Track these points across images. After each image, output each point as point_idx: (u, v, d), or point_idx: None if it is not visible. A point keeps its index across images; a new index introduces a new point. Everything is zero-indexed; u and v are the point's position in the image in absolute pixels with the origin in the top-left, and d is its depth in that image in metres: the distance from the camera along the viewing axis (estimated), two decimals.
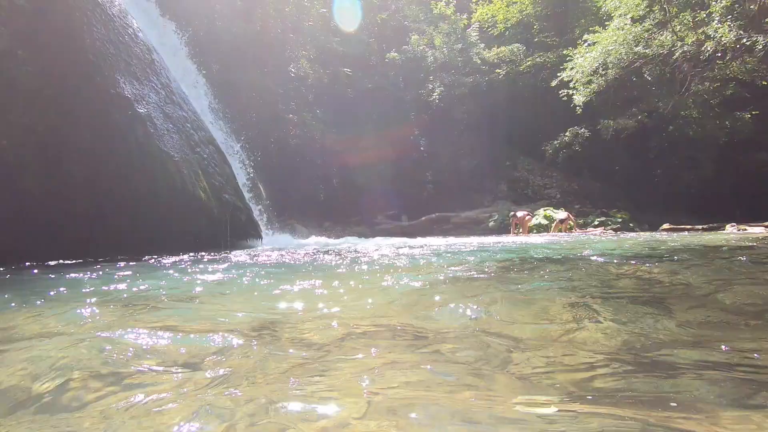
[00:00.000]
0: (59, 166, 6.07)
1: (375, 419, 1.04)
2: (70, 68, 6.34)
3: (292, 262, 5.27)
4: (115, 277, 3.93)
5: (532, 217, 14.86)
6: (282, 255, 6.27)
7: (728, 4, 12.66)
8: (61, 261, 5.76)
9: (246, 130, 14.85)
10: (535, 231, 14.61)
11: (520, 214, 14.40)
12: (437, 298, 2.62)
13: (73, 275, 4.03)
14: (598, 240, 8.65)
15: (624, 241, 7.95)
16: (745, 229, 10.87)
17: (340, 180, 19.72)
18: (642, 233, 12.22)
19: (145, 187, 6.85)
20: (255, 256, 6.23)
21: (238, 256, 6.26)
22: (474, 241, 9.99)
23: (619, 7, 15.18)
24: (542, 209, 15.83)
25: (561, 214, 14.61)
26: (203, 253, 6.80)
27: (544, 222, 14.81)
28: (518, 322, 1.98)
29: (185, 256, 6.25)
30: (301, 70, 18.98)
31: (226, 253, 7.08)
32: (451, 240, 10.84)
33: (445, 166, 20.66)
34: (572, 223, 13.98)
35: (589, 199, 18.50)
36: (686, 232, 11.41)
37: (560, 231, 13.92)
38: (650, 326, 1.88)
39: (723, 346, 1.58)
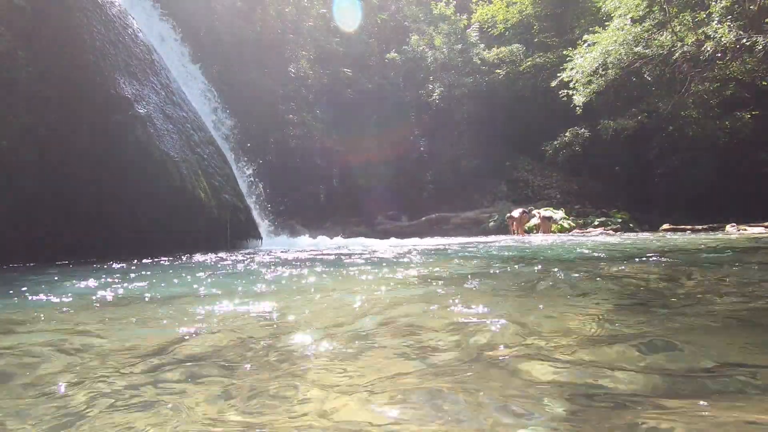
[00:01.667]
0: (59, 167, 6.08)
1: None
2: (70, 68, 6.34)
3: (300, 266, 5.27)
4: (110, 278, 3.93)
5: (529, 215, 14.73)
6: (287, 257, 6.26)
7: (728, 4, 12.67)
8: (58, 262, 5.75)
9: (246, 131, 14.85)
10: (535, 231, 14.59)
11: (516, 214, 14.25)
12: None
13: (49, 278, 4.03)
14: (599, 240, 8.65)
15: (617, 243, 7.94)
16: (745, 229, 10.87)
17: (341, 180, 19.73)
18: (642, 233, 12.23)
19: (145, 188, 6.85)
20: (252, 257, 6.23)
21: (238, 257, 6.26)
22: (471, 241, 9.99)
23: (619, 7, 15.19)
24: (542, 209, 15.81)
25: (545, 212, 14.67)
26: (204, 255, 6.79)
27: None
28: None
29: (191, 256, 6.25)
30: (301, 71, 18.99)
31: (226, 253, 7.08)
32: (450, 241, 10.85)
33: (445, 166, 20.66)
34: (556, 226, 14.20)
35: (589, 199, 18.50)
36: (686, 232, 11.41)
37: (548, 231, 14.04)
38: (642, 332, 1.88)
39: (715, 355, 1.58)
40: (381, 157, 19.92)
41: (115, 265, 5.04)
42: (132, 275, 4.07)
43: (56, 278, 4.02)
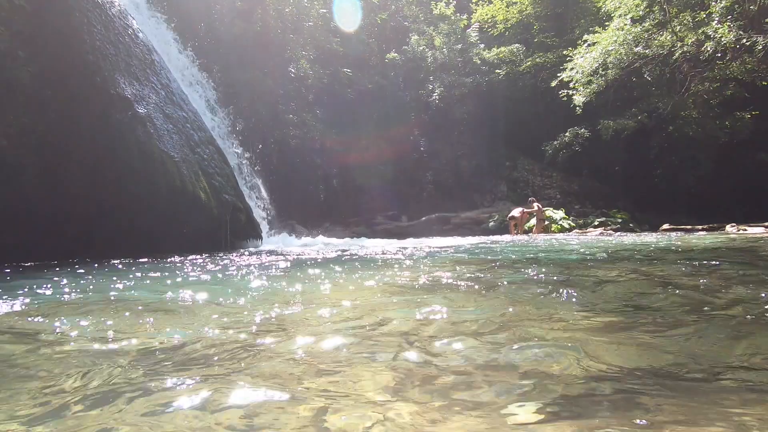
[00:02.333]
0: (59, 167, 6.07)
1: None
2: (70, 68, 6.34)
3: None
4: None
5: (529, 207, 14.61)
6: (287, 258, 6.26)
7: (728, 4, 12.67)
8: (58, 261, 5.75)
9: (246, 131, 14.84)
10: (534, 231, 14.54)
11: (517, 213, 14.09)
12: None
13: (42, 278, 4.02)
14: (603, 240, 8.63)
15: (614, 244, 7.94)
16: (745, 230, 10.87)
17: (340, 180, 19.70)
18: (642, 233, 12.22)
19: (145, 188, 6.84)
20: (254, 257, 6.21)
21: (237, 258, 6.25)
22: (466, 242, 9.98)
23: (619, 7, 15.19)
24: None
25: (541, 212, 14.69)
26: (205, 255, 6.79)
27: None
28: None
29: (197, 257, 6.25)
30: (301, 71, 18.96)
31: (224, 254, 7.07)
32: (454, 242, 10.84)
33: (445, 166, 20.64)
34: (556, 226, 14.21)
35: (589, 199, 18.50)
36: (686, 233, 11.41)
37: (541, 231, 14.02)
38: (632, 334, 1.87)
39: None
40: (381, 157, 19.90)
41: (114, 263, 5.04)
42: (131, 275, 4.07)
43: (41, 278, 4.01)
